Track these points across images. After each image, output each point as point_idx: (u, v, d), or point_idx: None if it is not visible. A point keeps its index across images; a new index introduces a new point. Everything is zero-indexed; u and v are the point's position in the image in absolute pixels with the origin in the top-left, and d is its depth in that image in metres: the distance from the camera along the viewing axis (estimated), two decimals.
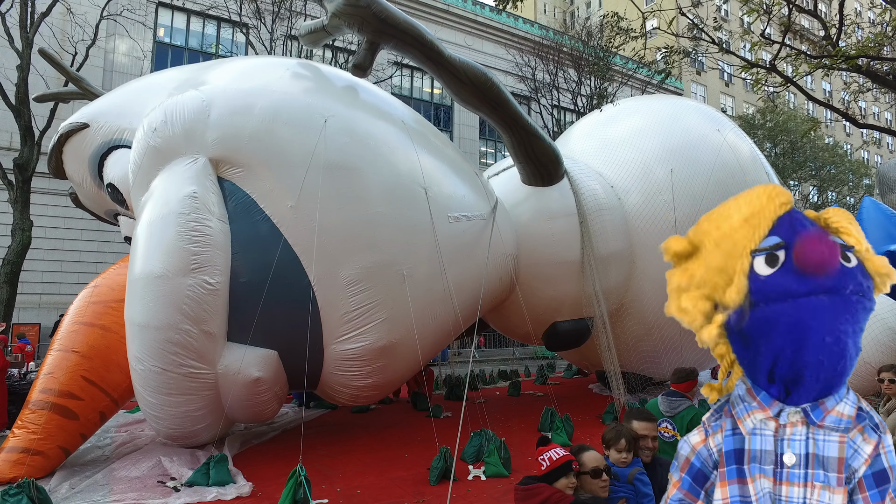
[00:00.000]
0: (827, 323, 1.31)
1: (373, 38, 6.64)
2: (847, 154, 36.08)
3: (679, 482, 1.55)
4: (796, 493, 1.36)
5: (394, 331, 6.46)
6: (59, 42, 15.34)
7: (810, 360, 1.34)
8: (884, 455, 1.35)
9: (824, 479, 1.34)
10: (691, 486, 1.53)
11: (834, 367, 1.35)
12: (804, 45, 26.12)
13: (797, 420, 1.39)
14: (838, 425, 1.37)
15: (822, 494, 1.33)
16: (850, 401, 1.41)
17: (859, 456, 1.35)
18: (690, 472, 1.54)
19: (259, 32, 17.18)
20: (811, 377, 1.36)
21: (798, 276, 1.32)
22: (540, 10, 48.37)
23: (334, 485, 5.65)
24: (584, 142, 10.42)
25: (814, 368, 1.35)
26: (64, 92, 9.98)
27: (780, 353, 1.37)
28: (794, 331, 1.34)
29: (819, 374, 1.35)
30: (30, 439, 5.60)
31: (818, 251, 1.30)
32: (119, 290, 6.26)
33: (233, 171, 6.18)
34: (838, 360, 1.35)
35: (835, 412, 1.38)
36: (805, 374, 1.36)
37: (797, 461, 1.37)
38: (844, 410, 1.38)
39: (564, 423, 7.51)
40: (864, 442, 1.35)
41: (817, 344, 1.32)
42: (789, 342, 1.35)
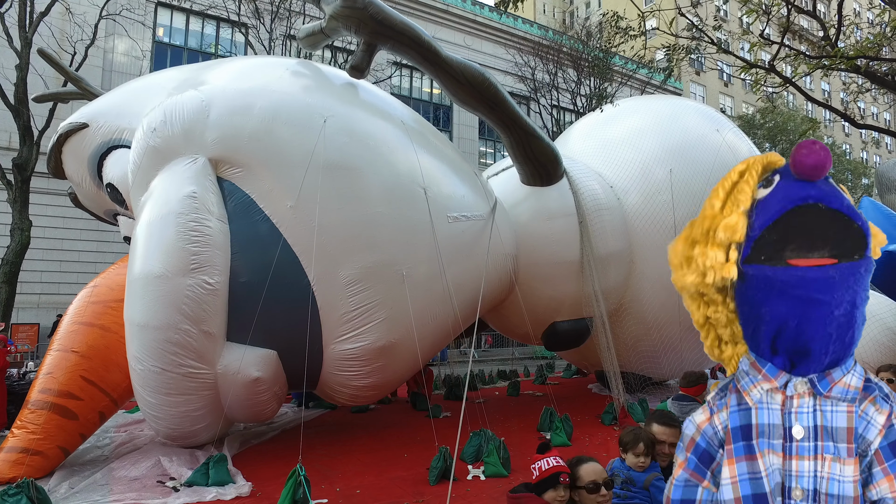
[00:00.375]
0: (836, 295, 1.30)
1: (370, 40, 6.65)
2: (846, 154, 36.13)
3: (685, 462, 1.52)
4: (807, 466, 1.34)
5: (393, 331, 6.46)
6: (58, 42, 15.32)
7: (818, 333, 1.32)
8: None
9: (834, 451, 1.32)
10: (697, 465, 1.50)
11: (843, 339, 1.34)
12: (803, 46, 26.16)
13: (804, 391, 1.37)
14: (845, 395, 1.35)
15: (833, 466, 1.31)
16: (857, 372, 1.39)
17: (873, 427, 1.32)
18: (696, 452, 1.51)
19: (258, 32, 17.17)
20: (819, 350, 1.34)
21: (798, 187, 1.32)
22: (539, 11, 48.38)
23: (334, 485, 5.65)
24: (584, 142, 10.42)
25: (822, 342, 1.33)
26: (63, 92, 9.98)
27: (784, 323, 1.35)
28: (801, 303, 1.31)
29: (828, 347, 1.34)
30: (29, 439, 5.60)
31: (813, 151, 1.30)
32: (118, 290, 6.26)
33: (232, 171, 6.19)
34: (846, 331, 1.34)
35: (842, 383, 1.36)
36: (812, 347, 1.34)
37: (806, 434, 1.35)
38: (851, 381, 1.37)
39: (563, 423, 7.51)
40: (877, 412, 1.33)
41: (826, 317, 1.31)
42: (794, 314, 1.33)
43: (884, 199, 11.52)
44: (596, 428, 8.22)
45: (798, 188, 1.32)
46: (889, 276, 6.86)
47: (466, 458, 6.37)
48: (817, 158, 1.29)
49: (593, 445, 7.29)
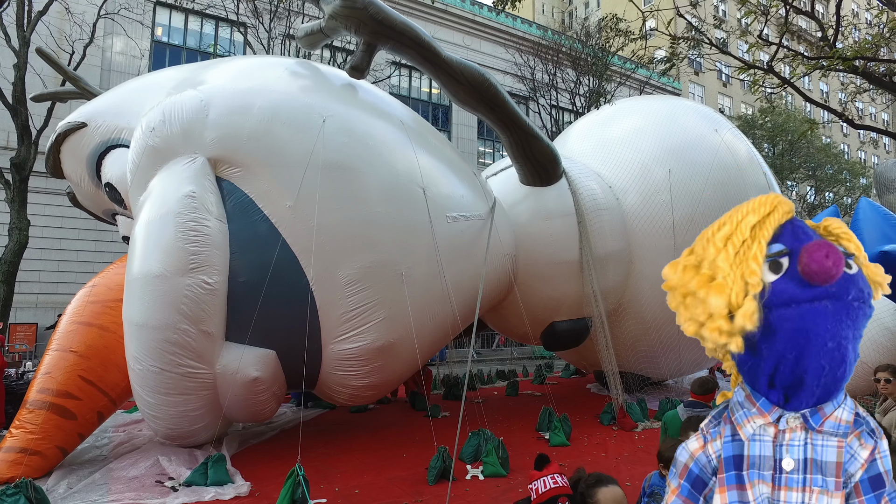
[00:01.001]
0: (830, 329, 1.34)
1: (370, 40, 6.64)
2: (844, 154, 36.21)
3: (678, 489, 1.56)
4: (795, 497, 1.37)
5: (392, 331, 6.47)
6: (57, 41, 15.29)
7: (812, 365, 1.36)
8: (879, 460, 1.38)
9: (822, 484, 1.36)
10: (690, 492, 1.54)
11: (834, 373, 1.37)
12: (801, 47, 26.20)
13: (796, 425, 1.41)
14: (837, 430, 1.39)
15: (821, 499, 1.35)
16: (847, 406, 1.43)
17: (856, 461, 1.37)
18: (689, 478, 1.54)
19: (257, 32, 17.16)
20: (812, 382, 1.37)
21: (802, 283, 1.35)
22: (538, 10, 48.40)
23: (332, 484, 5.65)
24: (583, 142, 10.43)
25: (815, 373, 1.36)
26: (61, 91, 9.96)
27: (783, 358, 1.38)
28: (798, 336, 1.35)
29: (820, 380, 1.37)
30: (27, 439, 5.59)
31: (824, 261, 1.31)
32: (117, 289, 6.26)
33: (231, 171, 6.18)
34: (839, 366, 1.37)
35: (833, 417, 1.40)
36: (806, 380, 1.38)
37: (796, 466, 1.39)
38: (842, 416, 1.41)
39: (562, 423, 7.52)
40: (861, 447, 1.38)
41: (820, 349, 1.34)
42: (792, 347, 1.36)
43: (882, 200, 11.55)
44: (595, 428, 8.23)
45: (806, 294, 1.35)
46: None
47: (465, 458, 6.37)
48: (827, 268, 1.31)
49: (592, 445, 7.30)
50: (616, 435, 7.83)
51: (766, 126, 29.57)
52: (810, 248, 1.34)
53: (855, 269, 1.40)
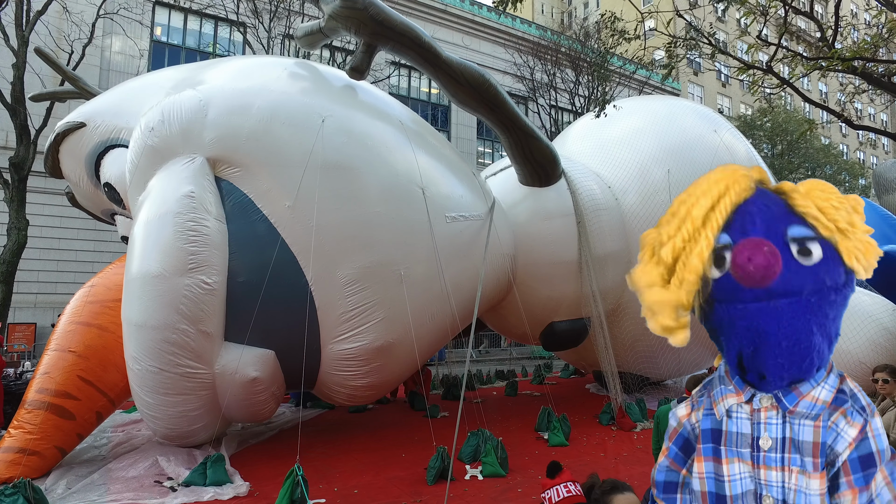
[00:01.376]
0: (784, 327, 1.28)
1: (370, 41, 6.64)
2: (843, 155, 36.25)
3: (667, 450, 1.59)
4: (774, 476, 1.35)
5: (391, 331, 6.46)
6: (56, 40, 15.27)
7: (770, 362, 1.32)
8: (872, 438, 1.31)
9: (801, 464, 1.32)
10: (677, 455, 1.56)
11: (798, 366, 1.33)
12: (800, 47, 26.22)
13: (769, 405, 1.38)
14: (811, 411, 1.34)
15: (800, 479, 1.31)
16: (828, 384, 1.37)
17: (843, 439, 1.31)
18: (678, 442, 1.56)
19: (257, 31, 17.14)
20: (774, 376, 1.35)
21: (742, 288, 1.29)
22: (538, 11, 48.42)
23: (331, 484, 5.65)
24: (582, 142, 10.44)
25: (775, 369, 1.33)
26: (60, 91, 9.95)
27: (741, 351, 1.36)
28: (750, 333, 1.31)
29: (782, 374, 1.34)
30: (26, 439, 5.59)
31: (748, 266, 1.25)
32: (116, 289, 6.25)
33: (230, 171, 6.18)
34: (802, 359, 1.32)
35: (809, 397, 1.35)
36: (767, 374, 1.35)
37: (773, 445, 1.35)
38: (820, 395, 1.35)
39: (561, 423, 7.53)
40: (848, 425, 1.31)
41: (773, 349, 1.30)
42: (747, 343, 1.33)
43: (881, 200, 11.56)
44: (594, 428, 8.23)
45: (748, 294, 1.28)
46: (886, 277, 6.89)
47: (464, 458, 6.37)
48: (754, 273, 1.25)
49: (591, 445, 7.30)
50: (615, 435, 7.83)
51: (765, 126, 29.60)
52: (738, 251, 1.28)
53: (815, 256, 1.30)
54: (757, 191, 1.42)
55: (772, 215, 1.36)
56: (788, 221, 1.35)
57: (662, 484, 1.58)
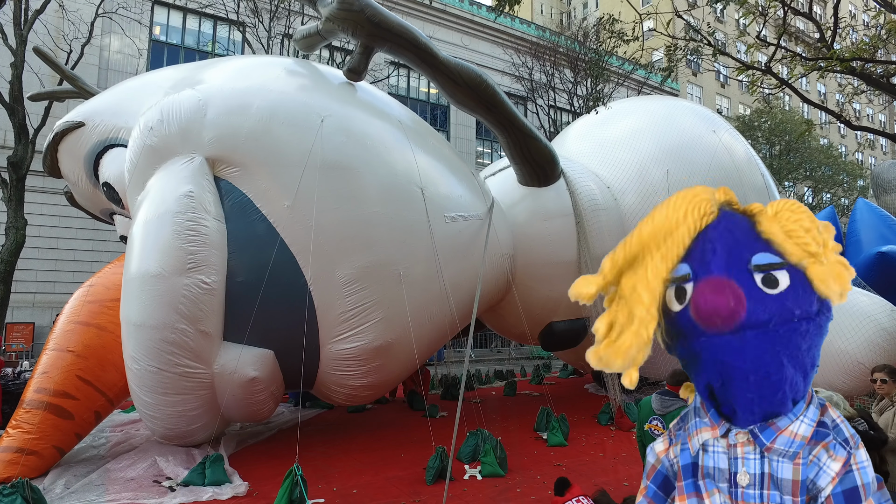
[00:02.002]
0: (750, 361, 1.21)
1: (367, 43, 6.64)
2: (841, 155, 36.29)
3: (645, 489, 1.51)
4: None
5: (390, 331, 6.46)
6: (54, 39, 15.24)
7: (739, 395, 1.26)
8: (856, 472, 1.24)
9: (780, 501, 1.25)
10: (656, 493, 1.49)
11: (770, 399, 1.26)
12: (799, 48, 26.25)
13: (745, 441, 1.30)
14: (788, 448, 1.26)
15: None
16: (807, 418, 1.28)
17: (825, 473, 1.24)
18: (656, 480, 1.49)
19: (256, 31, 17.13)
20: (744, 410, 1.28)
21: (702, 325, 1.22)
22: (537, 11, 48.43)
23: (330, 484, 5.65)
24: (581, 142, 10.44)
25: (744, 403, 1.27)
26: (59, 90, 9.93)
27: (710, 384, 1.30)
28: (717, 367, 1.25)
29: (752, 408, 1.27)
30: (24, 439, 5.58)
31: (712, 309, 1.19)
32: (115, 289, 6.24)
33: (229, 171, 6.17)
34: (773, 394, 1.25)
35: (787, 433, 1.27)
36: (738, 408, 1.28)
37: (751, 481, 1.28)
38: (799, 430, 1.27)
39: (560, 423, 7.53)
40: (831, 459, 1.24)
41: (741, 383, 1.24)
42: (715, 377, 1.27)
43: (879, 201, 11.58)
44: (592, 428, 8.24)
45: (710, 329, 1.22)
46: (883, 277, 6.90)
47: (463, 458, 6.37)
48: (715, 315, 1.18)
49: (589, 445, 7.31)
50: (614, 435, 7.84)
51: (764, 127, 29.63)
52: (700, 291, 1.21)
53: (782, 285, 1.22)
54: (721, 213, 1.34)
55: (734, 241, 1.28)
56: (753, 248, 1.26)
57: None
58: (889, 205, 10.99)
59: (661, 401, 4.10)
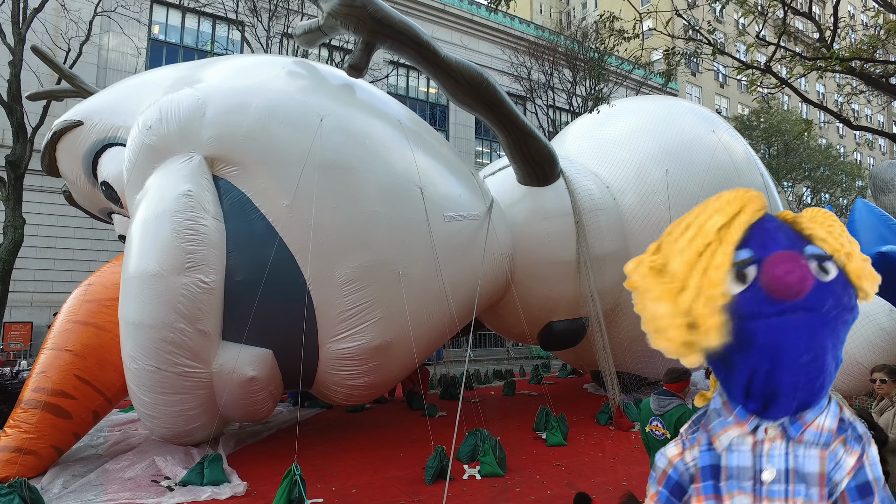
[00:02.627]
0: (804, 342, 1.28)
1: (368, 39, 6.63)
2: (840, 156, 36.34)
3: (656, 495, 1.51)
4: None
5: (389, 330, 6.46)
6: (52, 38, 15.20)
7: (786, 379, 1.31)
8: (868, 467, 1.32)
9: (806, 495, 1.31)
10: (668, 499, 1.50)
11: (811, 385, 1.32)
12: (798, 48, 26.28)
13: (775, 435, 1.35)
14: (818, 440, 1.33)
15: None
16: (831, 412, 1.37)
17: (842, 468, 1.31)
18: (668, 485, 1.50)
19: (255, 30, 17.11)
20: (787, 395, 1.33)
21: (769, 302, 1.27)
22: (536, 10, 48.42)
23: (329, 484, 5.64)
24: (580, 142, 10.44)
25: (790, 387, 1.31)
26: (57, 90, 9.90)
27: (755, 370, 1.33)
28: (769, 350, 1.30)
29: (796, 393, 1.32)
30: (22, 438, 5.56)
31: (786, 277, 1.25)
32: (113, 288, 6.23)
33: (228, 170, 6.16)
34: (816, 378, 1.32)
35: (814, 426, 1.34)
36: (780, 392, 1.32)
37: (777, 476, 1.33)
38: (825, 423, 1.35)
39: (559, 423, 7.53)
40: (847, 454, 1.32)
41: (793, 364, 1.29)
42: (764, 361, 1.31)
43: (878, 201, 11.58)
44: (592, 428, 8.24)
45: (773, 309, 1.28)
46: (883, 278, 6.89)
47: (462, 458, 6.37)
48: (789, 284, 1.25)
49: (589, 445, 7.30)
50: (613, 435, 7.84)
51: (762, 127, 29.65)
52: (772, 263, 1.28)
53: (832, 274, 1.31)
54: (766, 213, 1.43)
55: (788, 234, 1.38)
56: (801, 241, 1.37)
57: None
58: (888, 205, 10.99)
59: (658, 401, 4.12)
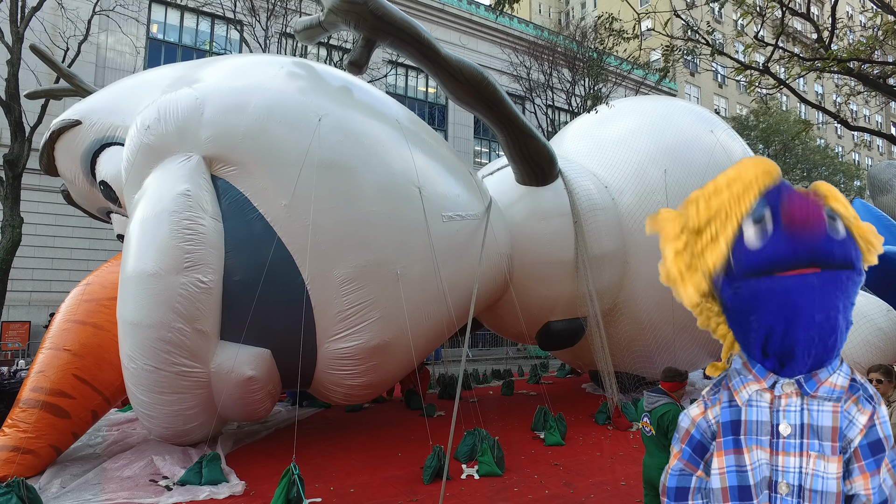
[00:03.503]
0: (818, 301, 1.36)
1: (369, 35, 6.63)
2: (838, 156, 36.38)
3: (680, 453, 1.61)
4: (792, 462, 1.40)
5: (387, 330, 6.46)
6: (51, 37, 15.16)
7: (801, 336, 1.38)
8: (879, 425, 1.39)
9: (819, 449, 1.38)
10: (691, 456, 1.59)
11: (825, 343, 1.39)
12: (797, 48, 26.32)
13: (791, 391, 1.43)
14: (831, 395, 1.41)
15: (818, 463, 1.37)
16: (843, 372, 1.45)
17: (854, 426, 1.38)
18: (690, 443, 1.59)
19: (254, 30, 17.09)
20: (802, 352, 1.40)
21: (786, 241, 1.36)
22: (535, 10, 48.43)
23: (327, 483, 5.65)
24: (579, 142, 10.45)
25: (805, 344, 1.39)
26: (56, 88, 9.89)
27: (772, 329, 1.41)
28: (784, 308, 1.38)
29: (810, 350, 1.40)
30: (20, 438, 5.56)
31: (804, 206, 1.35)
32: (111, 288, 6.22)
33: (226, 170, 6.16)
34: (829, 336, 1.39)
35: (828, 383, 1.42)
36: (796, 350, 1.40)
37: (793, 431, 1.41)
38: (837, 381, 1.43)
39: (557, 423, 7.54)
40: (859, 412, 1.39)
41: (808, 322, 1.37)
42: (780, 319, 1.39)
43: (875, 201, 11.61)
44: (590, 427, 8.25)
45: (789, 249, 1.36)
46: (880, 278, 6.92)
47: (460, 458, 6.37)
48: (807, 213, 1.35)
49: (587, 445, 7.31)
50: (611, 434, 7.85)
51: (760, 127, 29.70)
52: (792, 196, 1.39)
53: (842, 233, 1.39)
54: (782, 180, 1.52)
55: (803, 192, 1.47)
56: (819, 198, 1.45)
57: (674, 490, 1.60)
58: (885, 205, 11.02)
59: (648, 397, 4.19)
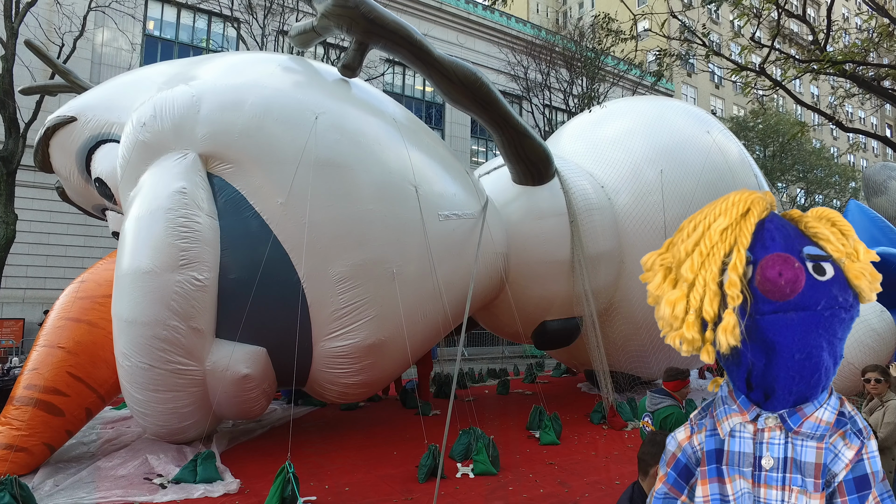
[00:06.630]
0: (797, 340, 1.32)
1: (362, 39, 6.64)
2: (834, 157, 36.56)
3: (665, 477, 1.58)
4: (774, 495, 1.37)
5: (383, 328, 6.46)
6: (46, 33, 15.07)
7: (781, 374, 1.35)
8: (867, 461, 1.35)
9: (801, 484, 1.35)
10: (676, 481, 1.56)
11: (807, 381, 1.36)
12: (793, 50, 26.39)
13: (774, 425, 1.40)
14: (815, 432, 1.37)
15: (800, 499, 1.34)
16: (830, 406, 1.40)
17: (840, 460, 1.34)
18: (676, 467, 1.56)
19: (250, 27, 17.04)
20: (783, 390, 1.37)
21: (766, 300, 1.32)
22: (532, 10, 48.44)
23: (323, 482, 5.65)
24: (575, 142, 10.46)
25: (785, 382, 1.36)
26: (51, 84, 9.85)
27: (753, 366, 1.38)
28: (763, 346, 1.35)
29: (791, 388, 1.37)
30: (13, 435, 5.53)
31: (777, 280, 1.30)
32: (106, 285, 6.20)
33: (222, 167, 6.14)
34: (811, 374, 1.36)
35: (813, 418, 1.38)
36: (777, 387, 1.37)
37: (775, 465, 1.38)
38: (823, 416, 1.38)
39: (553, 422, 7.55)
40: (846, 447, 1.35)
41: (787, 361, 1.34)
42: (759, 357, 1.36)
43: (870, 202, 11.67)
44: (585, 427, 8.27)
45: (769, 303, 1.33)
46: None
47: (455, 456, 6.38)
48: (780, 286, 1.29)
49: (582, 444, 7.33)
50: (606, 434, 7.87)
51: (757, 128, 29.81)
52: (765, 265, 1.32)
53: (829, 274, 1.35)
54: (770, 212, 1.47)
55: (788, 234, 1.42)
56: (803, 241, 1.42)
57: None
58: (880, 206, 11.09)
59: (652, 398, 4.20)
